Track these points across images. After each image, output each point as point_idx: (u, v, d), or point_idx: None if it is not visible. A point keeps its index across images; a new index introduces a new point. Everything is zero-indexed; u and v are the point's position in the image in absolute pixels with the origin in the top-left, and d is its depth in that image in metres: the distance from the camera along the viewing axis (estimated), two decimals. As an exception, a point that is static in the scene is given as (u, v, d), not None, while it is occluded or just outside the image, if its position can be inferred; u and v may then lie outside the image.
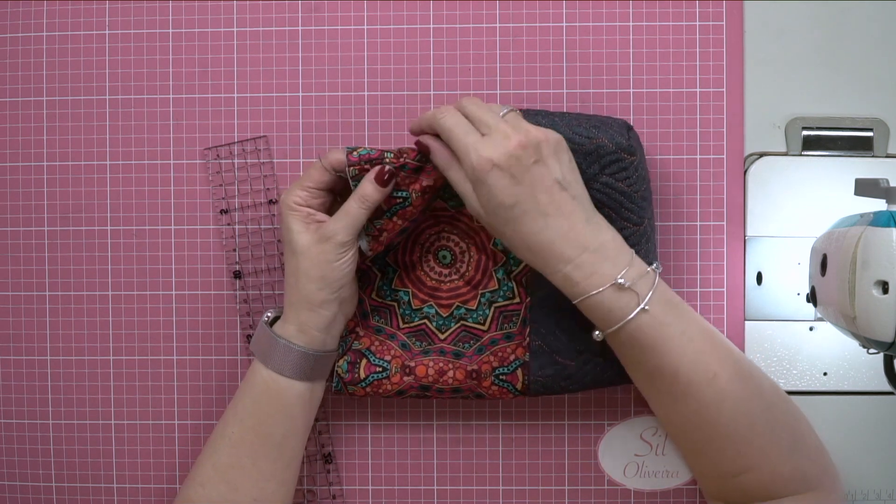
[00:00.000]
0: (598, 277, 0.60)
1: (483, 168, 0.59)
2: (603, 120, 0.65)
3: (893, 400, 0.71)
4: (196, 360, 0.73)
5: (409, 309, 0.70)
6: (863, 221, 0.60)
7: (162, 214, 0.72)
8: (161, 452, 0.73)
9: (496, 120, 0.61)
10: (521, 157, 0.59)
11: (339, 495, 0.73)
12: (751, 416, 0.60)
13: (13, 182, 0.73)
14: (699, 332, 0.61)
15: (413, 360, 0.68)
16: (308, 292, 0.63)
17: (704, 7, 0.70)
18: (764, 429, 0.60)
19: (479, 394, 0.68)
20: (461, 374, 0.67)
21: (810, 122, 0.71)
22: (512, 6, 0.71)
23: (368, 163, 0.64)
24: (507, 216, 0.60)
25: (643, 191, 0.65)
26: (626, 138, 0.64)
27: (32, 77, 0.72)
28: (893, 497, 0.71)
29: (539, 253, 0.60)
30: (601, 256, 0.60)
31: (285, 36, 0.72)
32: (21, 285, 0.73)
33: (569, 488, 0.72)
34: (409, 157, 0.64)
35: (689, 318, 0.62)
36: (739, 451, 0.60)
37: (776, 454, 0.60)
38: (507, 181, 0.59)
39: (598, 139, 0.63)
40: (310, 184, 0.64)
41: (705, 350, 0.60)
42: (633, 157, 0.64)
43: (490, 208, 0.60)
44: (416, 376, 0.67)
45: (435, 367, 0.67)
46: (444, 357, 0.68)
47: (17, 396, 0.73)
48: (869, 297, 0.58)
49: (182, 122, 0.72)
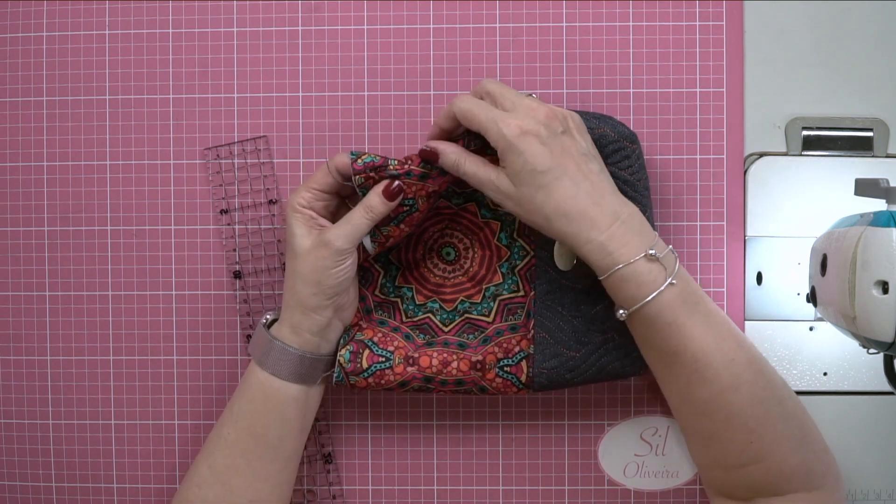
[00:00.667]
0: (631, 248, 0.59)
1: (514, 133, 0.59)
2: (604, 116, 0.66)
3: (893, 400, 0.71)
4: (196, 360, 0.73)
5: (412, 304, 0.70)
6: (863, 221, 0.60)
7: (162, 214, 0.72)
8: (161, 452, 0.73)
9: (519, 97, 0.61)
10: (550, 125, 0.59)
11: (339, 495, 0.73)
12: (766, 404, 0.60)
13: (13, 182, 0.73)
14: (718, 315, 0.61)
15: (417, 352, 0.68)
16: (303, 296, 0.63)
17: (704, 7, 0.70)
18: (776, 419, 0.60)
19: (483, 387, 0.67)
20: (465, 365, 0.67)
21: (810, 122, 0.71)
22: (512, 6, 0.71)
23: (373, 171, 0.63)
24: (540, 182, 0.59)
25: (644, 180, 0.65)
26: (628, 129, 0.65)
27: (32, 77, 0.72)
28: (893, 497, 0.71)
29: (575, 219, 0.60)
30: (631, 228, 0.60)
31: (285, 36, 0.72)
32: (21, 285, 0.73)
33: (569, 488, 0.72)
34: (413, 164, 0.64)
35: (708, 300, 0.62)
36: (750, 441, 0.60)
37: (786, 446, 0.60)
38: (539, 147, 0.59)
39: (600, 129, 0.64)
40: (315, 186, 0.64)
41: (724, 334, 0.61)
42: (634, 145, 0.64)
43: (523, 176, 0.60)
44: (419, 366, 0.67)
45: (439, 358, 0.67)
46: (449, 348, 0.68)
47: (17, 396, 0.73)
48: (869, 297, 0.58)
49: (182, 122, 0.72)
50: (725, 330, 0.61)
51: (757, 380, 0.60)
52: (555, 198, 0.60)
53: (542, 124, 0.59)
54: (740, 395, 0.60)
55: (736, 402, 0.60)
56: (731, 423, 0.60)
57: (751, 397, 0.60)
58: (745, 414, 0.60)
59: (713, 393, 0.60)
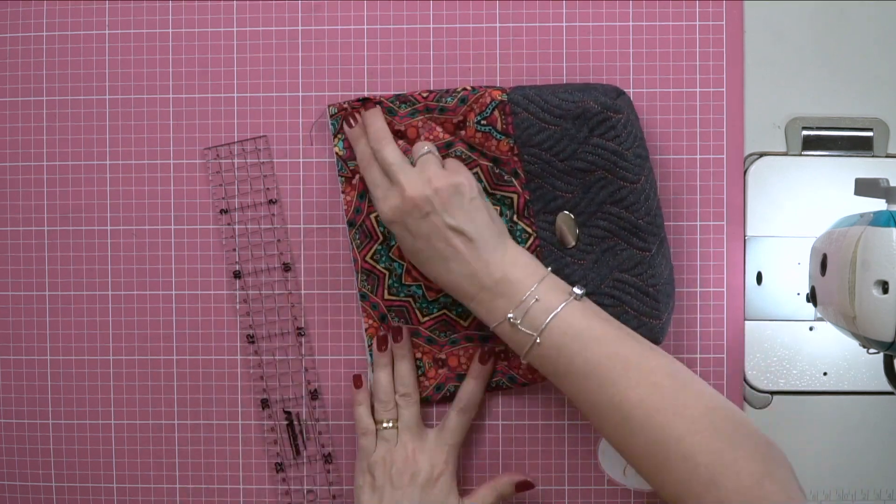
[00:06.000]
0: (494, 313, 0.63)
1: (386, 221, 0.65)
2: (591, 85, 0.66)
3: (893, 400, 0.71)
4: (196, 360, 0.72)
5: (424, 302, 0.70)
6: (863, 221, 0.60)
7: (162, 214, 0.72)
8: (161, 452, 0.73)
9: (397, 169, 0.64)
10: (413, 213, 0.63)
11: (339, 495, 0.73)
12: (664, 445, 0.58)
13: (13, 182, 0.73)
14: (606, 358, 0.61)
15: (443, 353, 0.69)
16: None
17: (704, 7, 0.70)
18: (678, 459, 0.57)
19: (512, 376, 0.69)
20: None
21: (810, 122, 0.71)
22: (512, 6, 0.71)
23: (346, 102, 0.69)
24: (416, 261, 0.65)
25: (636, 148, 0.65)
26: (613, 98, 0.64)
27: (32, 77, 0.72)
28: (893, 497, 0.71)
29: (451, 291, 0.65)
30: (496, 294, 0.63)
31: (285, 36, 0.72)
32: (21, 285, 0.73)
33: (569, 488, 0.72)
34: (385, 98, 0.69)
35: (597, 343, 0.61)
36: (663, 481, 0.58)
37: (696, 483, 0.57)
38: (406, 233, 0.64)
39: (583, 102, 0.64)
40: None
41: (611, 376, 0.60)
42: (619, 114, 0.64)
43: (405, 253, 0.66)
44: (449, 367, 0.69)
45: (466, 355, 0.69)
46: (473, 343, 0.69)
47: (17, 396, 0.73)
48: (869, 297, 0.58)
49: (182, 122, 0.72)
50: (617, 369, 0.60)
51: (651, 420, 0.58)
52: (432, 273, 0.65)
53: (406, 212, 0.63)
54: (637, 437, 0.59)
55: (634, 445, 0.59)
56: (641, 463, 0.59)
57: (647, 438, 0.58)
58: (650, 454, 0.58)
59: (611, 434, 0.61)
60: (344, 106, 0.69)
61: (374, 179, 0.66)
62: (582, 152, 0.64)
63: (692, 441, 0.57)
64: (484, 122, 0.67)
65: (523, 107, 0.66)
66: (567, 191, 0.66)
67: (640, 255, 0.65)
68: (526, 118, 0.66)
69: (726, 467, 0.56)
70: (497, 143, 0.67)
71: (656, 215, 0.65)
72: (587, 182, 0.65)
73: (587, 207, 0.66)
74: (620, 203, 0.64)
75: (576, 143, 0.65)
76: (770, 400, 0.71)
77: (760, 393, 0.71)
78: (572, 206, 0.67)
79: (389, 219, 0.64)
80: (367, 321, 0.70)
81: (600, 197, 0.65)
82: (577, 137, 0.64)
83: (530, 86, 0.67)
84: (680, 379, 0.60)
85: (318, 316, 0.72)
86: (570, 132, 0.64)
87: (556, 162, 0.66)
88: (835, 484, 0.71)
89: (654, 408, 0.59)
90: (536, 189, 0.67)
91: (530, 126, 0.66)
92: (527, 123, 0.66)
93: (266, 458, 0.73)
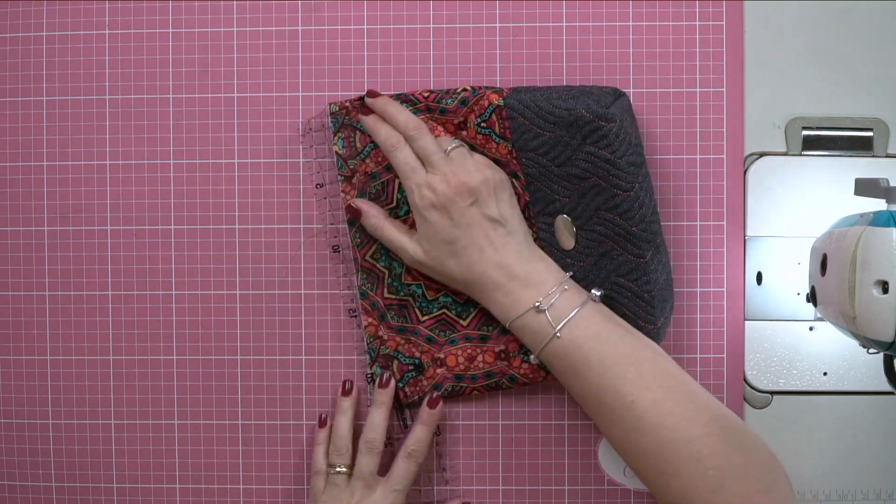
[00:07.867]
0: (521, 302, 0.64)
1: (425, 205, 0.65)
2: (587, 89, 0.66)
3: (893, 400, 0.71)
4: (196, 360, 0.73)
5: (424, 301, 0.70)
6: (863, 221, 0.60)
7: (162, 214, 0.72)
8: (161, 452, 0.73)
9: (440, 158, 0.65)
10: (459, 200, 0.64)
11: (339, 495, 0.73)
12: (674, 445, 0.58)
13: (13, 182, 0.73)
14: (622, 358, 0.61)
15: (442, 352, 0.69)
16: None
17: (704, 7, 0.70)
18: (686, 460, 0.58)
19: (512, 376, 0.69)
20: (490, 357, 0.69)
21: (810, 122, 0.71)
22: (512, 6, 0.71)
23: (348, 101, 0.69)
24: (449, 250, 0.65)
25: (630, 156, 0.64)
26: (606, 106, 0.63)
27: (32, 77, 0.72)
28: (893, 497, 0.71)
29: (477, 281, 0.65)
30: (524, 283, 0.64)
31: (285, 36, 0.72)
32: (21, 285, 0.73)
33: (569, 488, 0.72)
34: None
35: (613, 344, 0.62)
36: (668, 483, 0.59)
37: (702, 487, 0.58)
38: (447, 221, 0.64)
39: (576, 111, 0.63)
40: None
41: (626, 376, 0.61)
42: (611, 123, 0.63)
43: (434, 242, 0.65)
44: (447, 367, 0.69)
45: (464, 355, 0.69)
46: (471, 343, 0.69)
47: (17, 396, 0.73)
48: (869, 297, 0.58)
49: (182, 122, 0.72)
50: (631, 371, 0.61)
51: (662, 421, 0.59)
52: (462, 264, 0.65)
53: (451, 199, 0.64)
54: (647, 438, 0.59)
55: (644, 444, 0.60)
56: (646, 464, 0.60)
57: (658, 439, 0.59)
58: (657, 455, 0.59)
59: (619, 435, 0.61)
60: (345, 104, 0.69)
61: (409, 163, 0.66)
62: (576, 159, 0.64)
63: (703, 443, 0.58)
64: (484, 124, 0.67)
65: (519, 112, 0.65)
66: (564, 195, 0.66)
67: (635, 261, 0.65)
68: (522, 123, 0.65)
69: (736, 472, 0.57)
70: (497, 146, 0.67)
71: (651, 222, 0.65)
72: (582, 188, 0.65)
73: (584, 212, 0.66)
74: (614, 210, 0.64)
75: (570, 150, 0.64)
76: (770, 400, 0.71)
77: (760, 393, 0.71)
78: (570, 209, 0.66)
79: (431, 203, 0.64)
80: (366, 319, 0.70)
81: (595, 203, 0.65)
82: (571, 144, 0.64)
83: (527, 89, 0.67)
84: (691, 387, 0.61)
85: (318, 316, 0.72)
86: (565, 139, 0.64)
87: (553, 167, 0.66)
88: (835, 484, 0.71)
89: (666, 410, 0.60)
90: (536, 191, 0.67)
91: (526, 131, 0.65)
92: (523, 129, 0.66)
93: (266, 459, 0.73)
